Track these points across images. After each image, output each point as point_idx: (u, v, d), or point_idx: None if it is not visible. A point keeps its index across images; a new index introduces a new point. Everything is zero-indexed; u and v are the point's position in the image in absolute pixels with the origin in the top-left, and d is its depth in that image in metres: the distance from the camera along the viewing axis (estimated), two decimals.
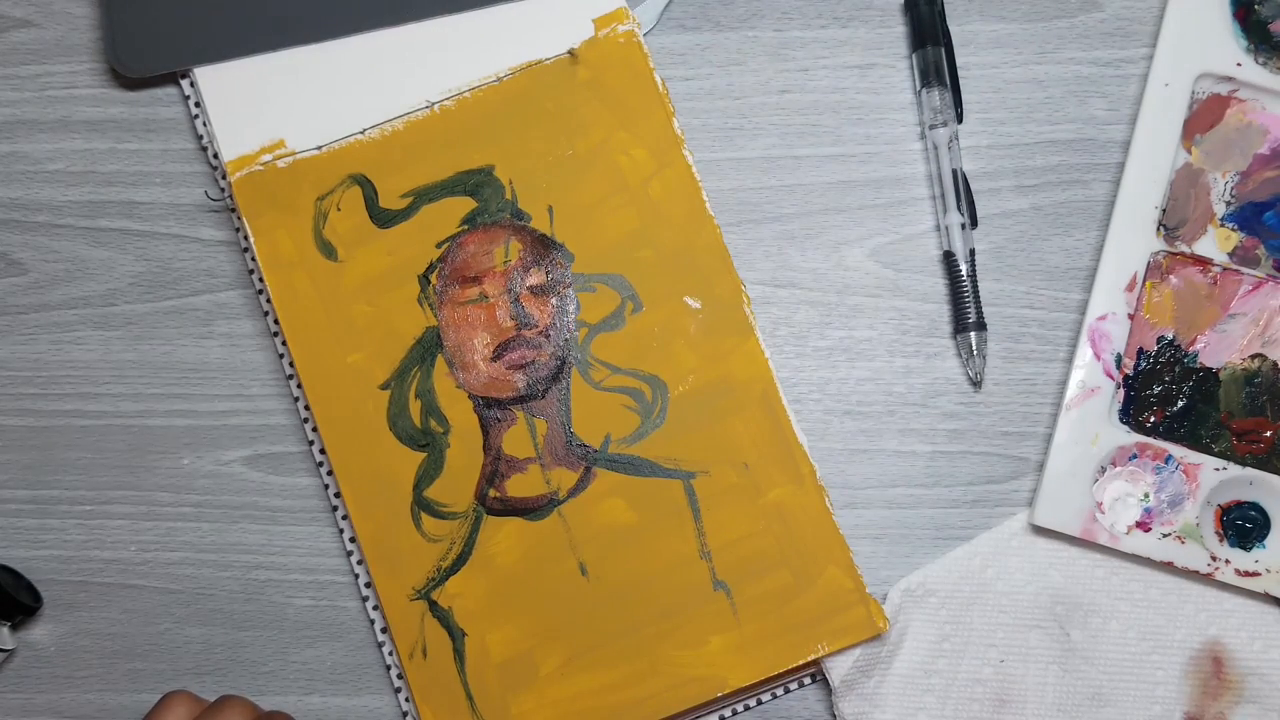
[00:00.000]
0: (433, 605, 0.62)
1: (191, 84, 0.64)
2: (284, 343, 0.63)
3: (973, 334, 0.63)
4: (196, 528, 0.64)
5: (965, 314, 0.63)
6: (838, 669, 0.62)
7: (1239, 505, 0.61)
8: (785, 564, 0.61)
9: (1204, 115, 0.63)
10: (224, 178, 0.64)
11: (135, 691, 0.64)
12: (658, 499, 0.61)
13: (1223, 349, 0.62)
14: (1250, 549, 0.61)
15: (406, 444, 0.62)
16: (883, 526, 0.59)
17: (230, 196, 0.63)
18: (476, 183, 0.63)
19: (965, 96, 0.64)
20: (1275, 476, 0.61)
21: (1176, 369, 0.62)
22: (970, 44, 0.65)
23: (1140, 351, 0.62)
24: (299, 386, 0.63)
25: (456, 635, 0.61)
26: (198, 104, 0.64)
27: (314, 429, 0.63)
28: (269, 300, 0.63)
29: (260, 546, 0.64)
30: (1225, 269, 0.62)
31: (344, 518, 0.63)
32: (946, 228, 0.63)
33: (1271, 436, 0.61)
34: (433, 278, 0.63)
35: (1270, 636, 0.61)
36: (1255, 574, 0.61)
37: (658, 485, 0.61)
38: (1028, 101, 0.64)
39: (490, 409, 0.62)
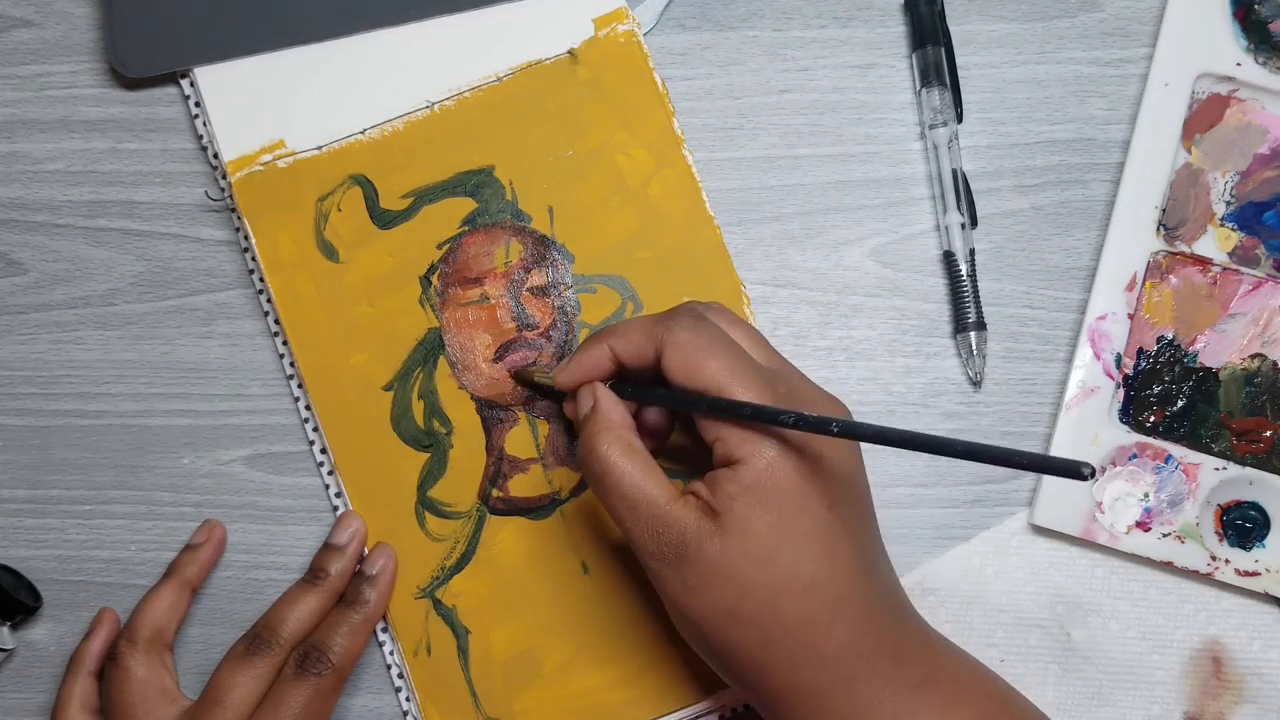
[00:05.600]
0: (437, 604, 0.62)
1: (191, 84, 0.64)
2: (284, 343, 0.63)
3: (973, 334, 0.63)
4: (196, 528, 0.64)
5: (965, 314, 0.63)
6: None
7: (1239, 505, 0.61)
8: None
9: (1204, 115, 0.63)
10: (224, 178, 0.63)
11: None
12: None
13: (1223, 349, 0.62)
14: (1250, 549, 0.61)
15: (410, 445, 0.62)
16: (882, 526, 0.58)
17: (230, 196, 0.63)
18: (477, 183, 0.63)
19: (965, 96, 0.64)
20: (1275, 476, 0.61)
21: (1176, 369, 0.62)
22: (970, 44, 0.65)
23: (1140, 351, 0.62)
24: (299, 386, 0.63)
25: (460, 633, 0.61)
26: (198, 104, 0.64)
27: (315, 429, 0.63)
28: (269, 300, 0.63)
29: (260, 546, 0.64)
30: (1225, 269, 0.62)
31: None
32: (946, 228, 0.63)
33: (1271, 436, 0.61)
34: (434, 279, 0.63)
35: (1270, 636, 0.61)
36: (1255, 574, 0.61)
37: None
38: (1028, 101, 0.64)
39: (492, 410, 0.62)
